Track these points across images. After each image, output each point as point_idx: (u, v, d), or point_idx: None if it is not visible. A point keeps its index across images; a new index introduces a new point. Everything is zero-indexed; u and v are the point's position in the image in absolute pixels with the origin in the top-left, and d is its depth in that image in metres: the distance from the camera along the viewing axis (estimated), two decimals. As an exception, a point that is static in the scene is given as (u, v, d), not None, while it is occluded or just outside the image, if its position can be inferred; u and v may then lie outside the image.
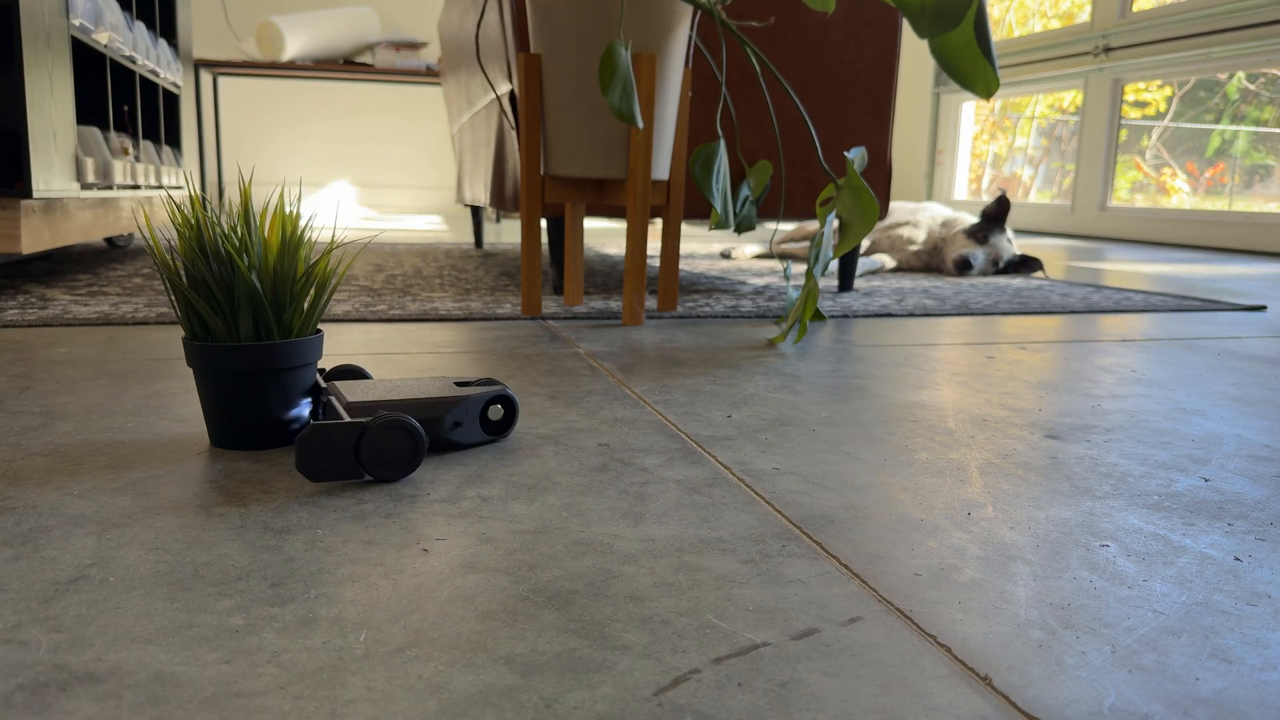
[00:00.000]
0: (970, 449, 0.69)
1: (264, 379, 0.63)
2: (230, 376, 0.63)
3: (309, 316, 0.66)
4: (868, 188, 1.07)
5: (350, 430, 0.57)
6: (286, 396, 0.65)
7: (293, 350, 0.64)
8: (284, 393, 0.64)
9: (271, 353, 0.63)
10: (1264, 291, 1.85)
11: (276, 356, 0.63)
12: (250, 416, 0.64)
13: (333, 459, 0.57)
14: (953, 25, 0.93)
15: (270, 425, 0.64)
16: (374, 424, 0.57)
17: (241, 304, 0.63)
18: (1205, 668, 0.38)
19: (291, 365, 0.64)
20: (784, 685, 0.36)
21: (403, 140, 4.80)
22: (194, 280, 0.63)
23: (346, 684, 0.35)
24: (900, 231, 2.16)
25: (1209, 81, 3.31)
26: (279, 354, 0.63)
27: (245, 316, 0.63)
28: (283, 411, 0.65)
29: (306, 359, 0.65)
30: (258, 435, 0.64)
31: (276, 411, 0.64)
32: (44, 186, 1.35)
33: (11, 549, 0.47)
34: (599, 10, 1.15)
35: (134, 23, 1.90)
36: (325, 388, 0.67)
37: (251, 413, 0.63)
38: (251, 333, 0.63)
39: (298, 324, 0.65)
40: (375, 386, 0.67)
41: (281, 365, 0.63)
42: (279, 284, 0.64)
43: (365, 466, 0.57)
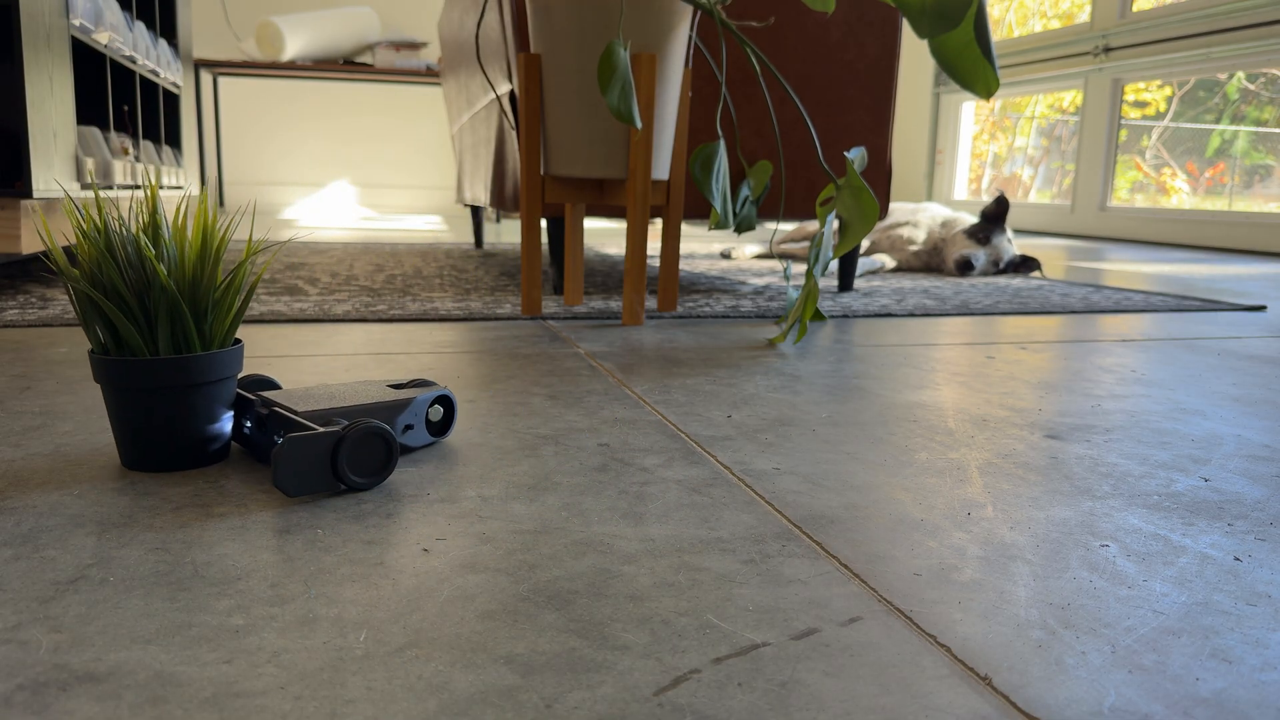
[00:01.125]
0: (970, 449, 0.69)
1: (188, 394, 0.59)
2: (149, 393, 0.58)
3: (232, 326, 0.62)
4: (868, 188, 1.07)
5: (327, 440, 0.55)
6: (210, 412, 0.60)
7: (217, 362, 0.60)
8: (208, 408, 0.60)
9: (195, 365, 0.59)
10: (1264, 291, 1.85)
11: (201, 369, 0.59)
12: (172, 435, 0.59)
13: (312, 470, 0.55)
14: (953, 25, 0.93)
15: (194, 443, 0.60)
16: (352, 432, 0.55)
17: (160, 314, 0.58)
18: (1205, 668, 0.38)
19: (216, 378, 0.60)
20: (784, 685, 0.36)
21: (403, 140, 4.80)
22: (104, 289, 0.58)
23: (346, 684, 0.35)
24: (900, 231, 2.16)
25: (1209, 81, 3.31)
26: (203, 366, 0.59)
27: (164, 327, 0.58)
28: (206, 428, 0.60)
29: (230, 371, 0.61)
30: (180, 455, 0.60)
31: (200, 428, 0.60)
32: (44, 186, 1.35)
33: (11, 549, 0.47)
34: (599, 10, 1.15)
35: (134, 23, 1.90)
36: (256, 400, 0.63)
37: (173, 431, 0.59)
38: (170, 345, 0.59)
39: (219, 334, 0.61)
40: (316, 394, 0.64)
41: (206, 378, 0.59)
42: (198, 291, 0.60)
43: (342, 476, 0.55)
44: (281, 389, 0.66)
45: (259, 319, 1.20)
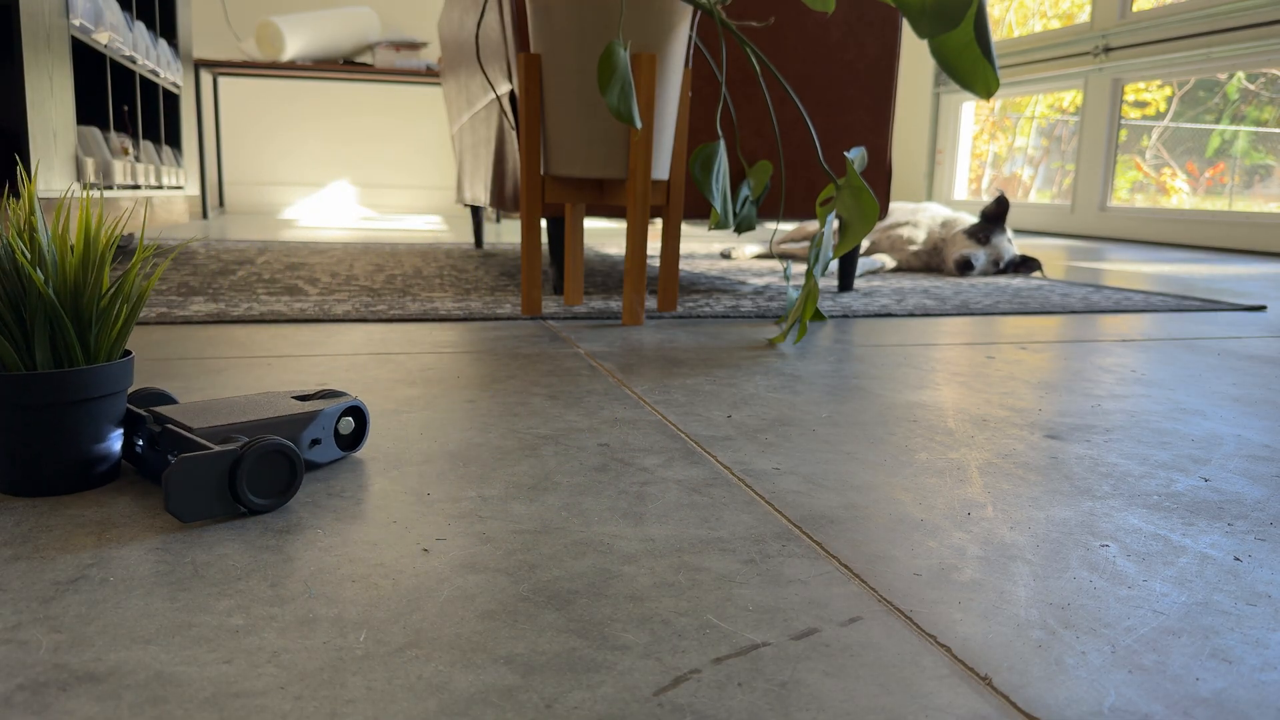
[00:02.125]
0: (970, 449, 0.69)
1: (70, 411, 0.54)
2: (26, 410, 0.53)
3: (120, 336, 0.58)
4: (868, 188, 1.07)
5: (223, 460, 0.51)
6: (97, 430, 0.56)
7: (103, 376, 0.55)
8: (94, 426, 0.56)
9: (77, 380, 0.54)
10: (1264, 291, 1.85)
11: (84, 384, 0.54)
12: (53, 456, 0.54)
13: (208, 493, 0.51)
14: (953, 25, 0.93)
15: (77, 465, 0.55)
16: (250, 451, 0.52)
17: (37, 325, 0.54)
18: (1205, 668, 0.38)
19: (102, 394, 0.55)
20: (784, 685, 0.36)
21: (403, 140, 4.80)
22: None
23: (346, 684, 0.35)
24: (900, 231, 2.16)
25: (1209, 81, 3.31)
26: (87, 381, 0.54)
27: (42, 340, 0.54)
28: (92, 447, 0.56)
29: (118, 385, 0.57)
30: (61, 477, 0.55)
31: (86, 448, 0.55)
32: (44, 186, 1.35)
33: (11, 549, 0.47)
34: (599, 10, 1.15)
35: (134, 23, 1.90)
36: (148, 416, 0.59)
37: (55, 452, 0.54)
38: (50, 358, 0.55)
39: (105, 346, 0.57)
40: (214, 409, 0.60)
41: (90, 394, 0.55)
42: (81, 300, 0.55)
43: (241, 498, 0.52)
44: (178, 404, 0.62)
45: (259, 319, 1.20)
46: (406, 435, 0.69)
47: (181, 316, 1.20)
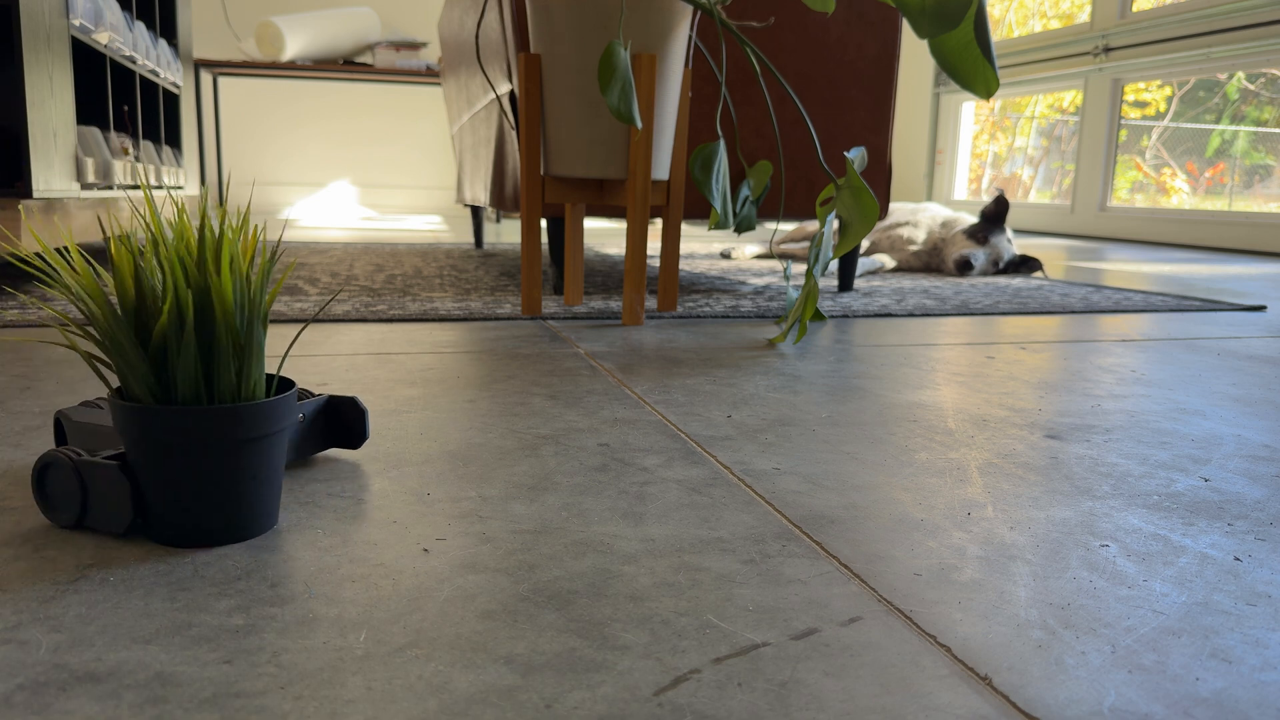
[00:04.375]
0: (970, 449, 0.69)
1: (278, 440, 0.50)
2: (247, 444, 0.48)
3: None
4: (867, 188, 1.07)
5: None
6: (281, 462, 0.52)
7: (290, 406, 0.50)
8: (281, 458, 0.51)
9: (286, 408, 0.50)
10: (1264, 291, 1.85)
11: (286, 413, 0.50)
12: (271, 488, 0.50)
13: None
14: (953, 25, 0.93)
15: (276, 499, 0.51)
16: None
17: (220, 355, 0.48)
18: (1205, 668, 0.38)
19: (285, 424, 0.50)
20: (784, 685, 0.36)
21: (403, 140, 4.80)
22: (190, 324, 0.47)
23: (346, 684, 0.35)
24: (900, 231, 2.16)
25: (1209, 81, 3.31)
26: (288, 409, 0.50)
27: (226, 369, 0.48)
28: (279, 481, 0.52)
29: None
30: (271, 514, 0.51)
31: (279, 482, 0.52)
32: (44, 186, 1.35)
33: (12, 549, 0.47)
34: (599, 10, 1.15)
35: (134, 23, 1.90)
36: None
37: (273, 483, 0.50)
38: (233, 388, 0.49)
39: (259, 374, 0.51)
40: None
41: (283, 425, 0.50)
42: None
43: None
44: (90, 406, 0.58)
45: (259, 319, 1.20)
46: (406, 435, 0.69)
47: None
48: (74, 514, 0.49)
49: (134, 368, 0.47)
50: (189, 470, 0.47)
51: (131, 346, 0.46)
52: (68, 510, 0.49)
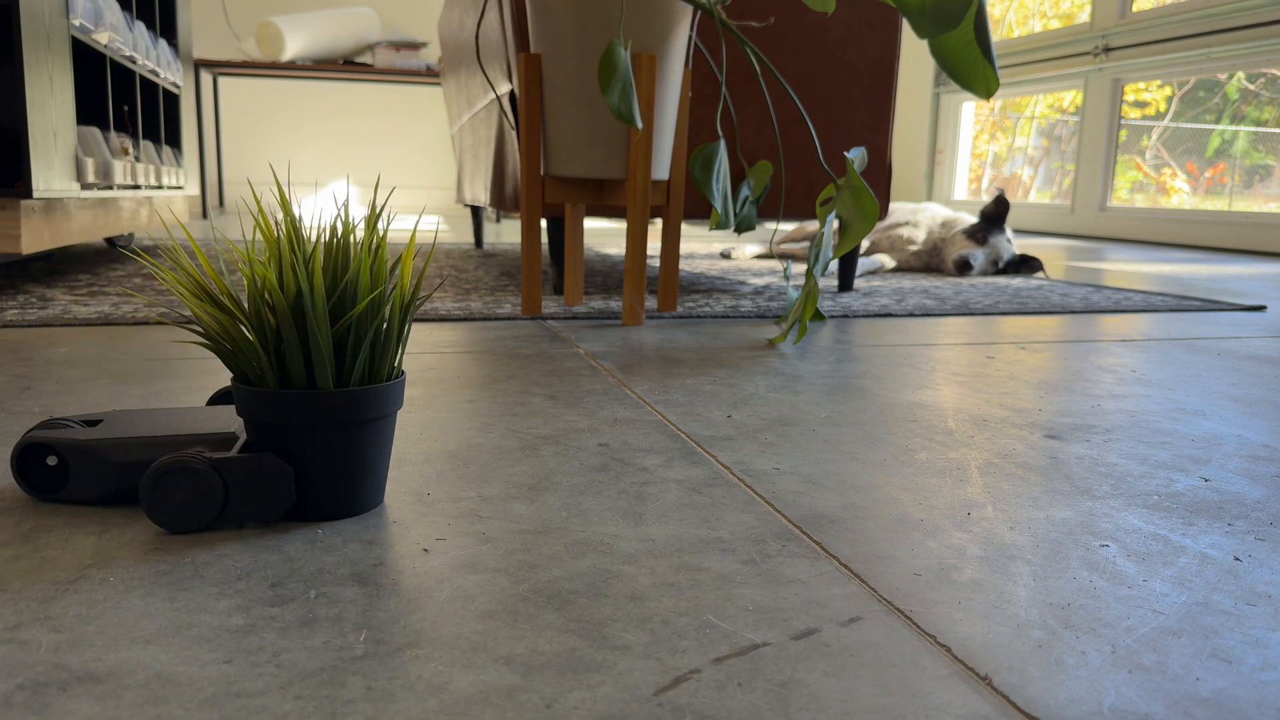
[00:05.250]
0: (970, 449, 0.69)
1: (388, 424, 0.54)
2: (362, 426, 0.52)
3: None
4: (868, 188, 1.07)
5: None
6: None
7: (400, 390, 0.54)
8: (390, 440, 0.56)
9: (398, 392, 0.54)
10: (1264, 291, 1.85)
11: (396, 397, 0.54)
12: (380, 469, 0.54)
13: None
14: (953, 25, 0.93)
15: (383, 480, 0.55)
16: None
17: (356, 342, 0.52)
18: (1205, 668, 0.38)
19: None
20: (784, 685, 0.36)
21: (403, 140, 4.80)
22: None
23: (346, 684, 0.35)
24: (900, 232, 2.16)
25: (1209, 81, 3.31)
26: (398, 394, 0.54)
27: (392, 354, 0.53)
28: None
29: None
30: (378, 491, 0.55)
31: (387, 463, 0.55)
32: (44, 186, 1.35)
33: (12, 548, 0.47)
34: (599, 10, 1.15)
35: (134, 23, 1.90)
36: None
37: (381, 464, 0.54)
38: (364, 375, 0.53)
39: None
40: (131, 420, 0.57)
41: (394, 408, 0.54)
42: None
43: None
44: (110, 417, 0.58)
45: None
46: (406, 435, 0.69)
47: (182, 316, 1.20)
48: (213, 513, 0.50)
49: (293, 359, 0.50)
50: (345, 448, 0.51)
51: (292, 337, 0.49)
52: (205, 511, 0.50)
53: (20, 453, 0.53)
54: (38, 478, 0.54)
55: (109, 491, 0.53)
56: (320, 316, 0.49)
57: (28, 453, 0.54)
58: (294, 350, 0.50)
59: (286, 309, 0.49)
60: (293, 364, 0.50)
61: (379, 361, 0.52)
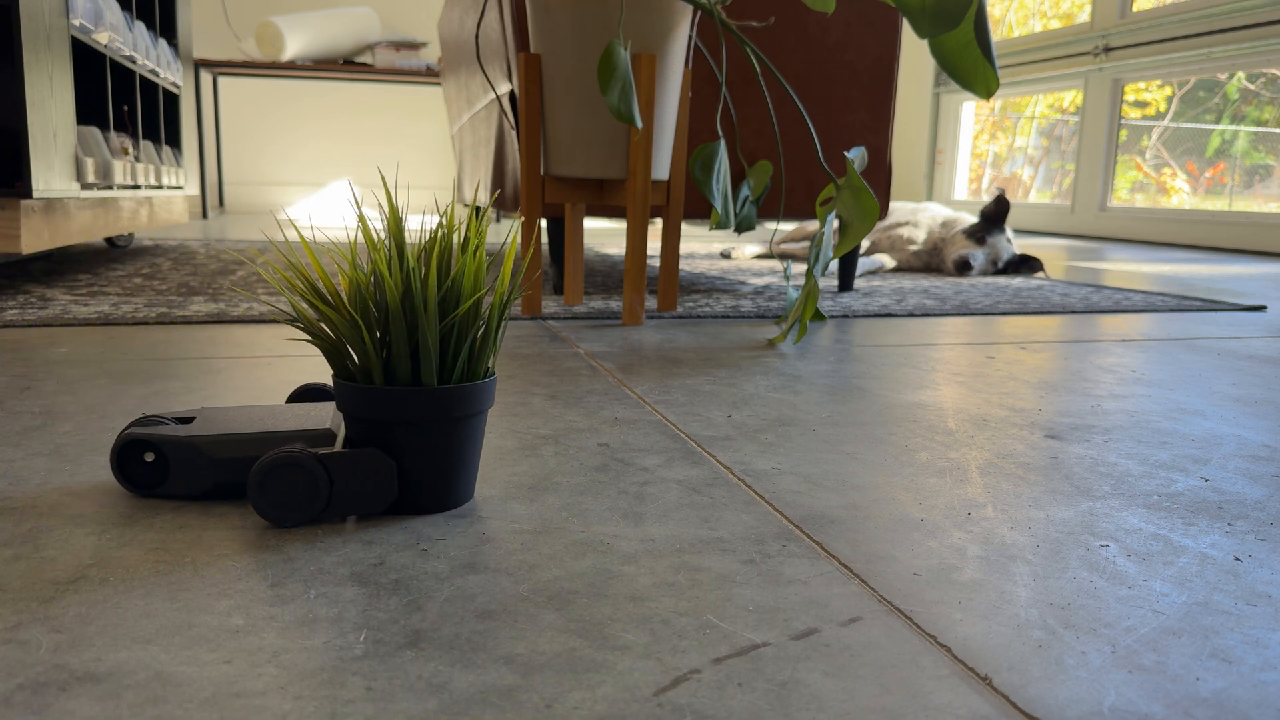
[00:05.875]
0: (970, 449, 0.69)
1: (480, 421, 0.55)
2: (459, 422, 0.53)
3: None
4: (868, 188, 1.07)
5: None
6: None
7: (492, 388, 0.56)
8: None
9: (489, 390, 0.55)
10: (1264, 291, 1.85)
11: (489, 395, 0.55)
12: (473, 465, 0.56)
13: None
14: (953, 25, 0.93)
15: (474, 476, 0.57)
16: None
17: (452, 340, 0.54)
18: (1205, 668, 0.38)
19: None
20: (784, 685, 0.36)
21: (403, 140, 4.80)
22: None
23: (346, 684, 0.35)
24: (900, 231, 2.16)
25: (1209, 81, 3.31)
26: (490, 391, 0.55)
27: (488, 353, 0.55)
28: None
29: None
30: (470, 488, 0.56)
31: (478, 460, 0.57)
32: (44, 186, 1.35)
33: (11, 549, 0.47)
34: (599, 10, 1.15)
35: (134, 23, 1.90)
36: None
37: (475, 460, 0.56)
38: (466, 371, 0.54)
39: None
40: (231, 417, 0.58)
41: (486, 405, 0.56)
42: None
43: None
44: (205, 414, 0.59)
45: (258, 319, 1.20)
46: (406, 435, 0.69)
47: (181, 316, 1.20)
48: (319, 508, 0.51)
49: (400, 356, 0.51)
50: (446, 444, 0.52)
51: (400, 335, 0.51)
52: (311, 505, 0.51)
53: (120, 449, 0.54)
54: (136, 474, 0.55)
55: (210, 487, 0.55)
56: (432, 316, 0.51)
57: (127, 449, 0.55)
58: (402, 348, 0.51)
59: (399, 308, 0.51)
60: (399, 361, 0.51)
61: (477, 359, 0.54)
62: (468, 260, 0.52)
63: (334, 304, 0.52)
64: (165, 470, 0.55)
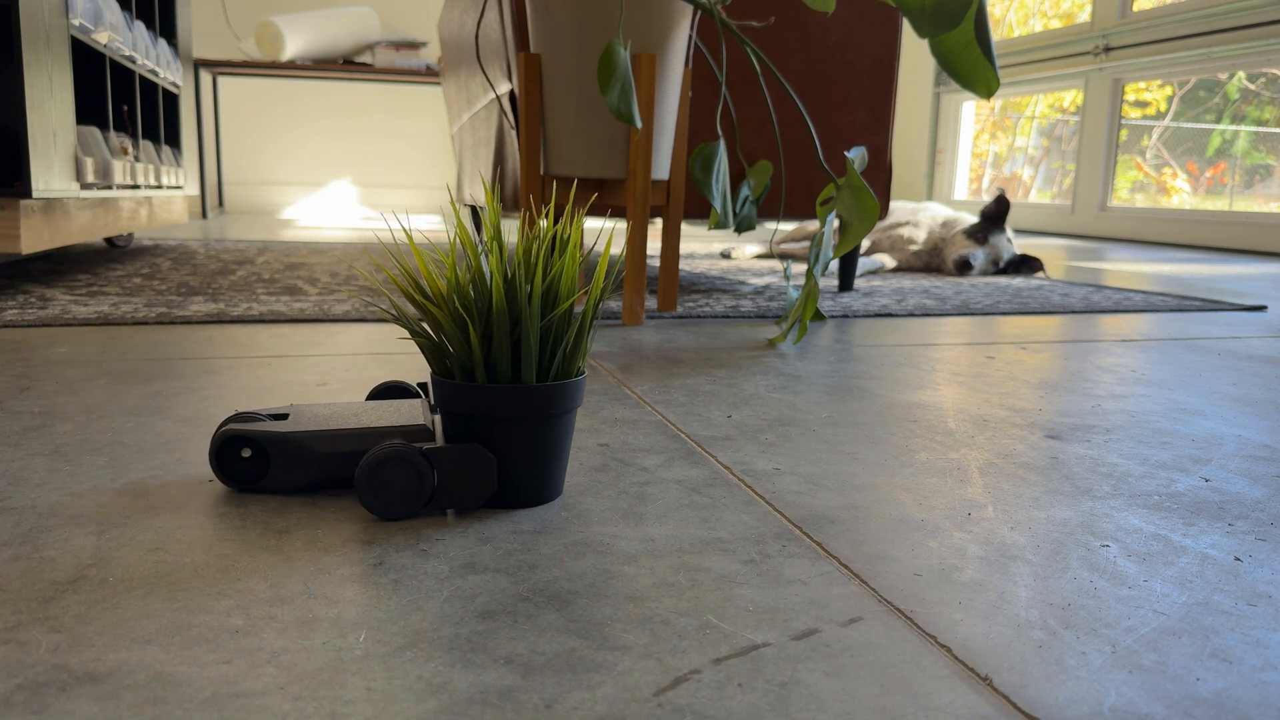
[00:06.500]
0: (970, 449, 0.69)
1: (570, 418, 0.56)
2: (555, 418, 0.55)
3: None
4: (868, 187, 1.07)
5: None
6: None
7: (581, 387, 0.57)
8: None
9: (579, 388, 0.56)
10: (1264, 291, 1.85)
11: (578, 393, 0.56)
12: (563, 461, 0.57)
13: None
14: (953, 25, 0.93)
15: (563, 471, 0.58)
16: None
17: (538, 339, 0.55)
18: (1206, 668, 0.38)
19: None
20: (784, 685, 0.36)
21: (403, 140, 4.80)
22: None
23: (346, 684, 0.35)
24: (900, 231, 2.16)
25: (1209, 81, 3.31)
26: (579, 390, 0.56)
27: (578, 354, 0.57)
28: None
29: None
30: (560, 483, 0.57)
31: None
32: (44, 186, 1.35)
33: (11, 549, 0.47)
34: (599, 10, 1.15)
35: (134, 22, 1.90)
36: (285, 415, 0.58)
37: (564, 456, 0.57)
38: (561, 369, 0.56)
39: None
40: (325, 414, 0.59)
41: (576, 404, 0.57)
42: None
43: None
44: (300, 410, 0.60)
45: (258, 319, 1.20)
46: (406, 435, 0.69)
47: (181, 316, 1.20)
48: (424, 501, 0.52)
49: (501, 354, 0.53)
50: (542, 439, 0.54)
51: (504, 333, 0.52)
52: (417, 499, 0.52)
53: (219, 445, 0.55)
54: (234, 469, 0.56)
55: (311, 481, 0.55)
56: (535, 316, 0.53)
57: (226, 445, 0.55)
58: (504, 346, 0.53)
59: (505, 308, 0.52)
60: (500, 359, 0.53)
61: (570, 358, 0.55)
62: (567, 262, 0.54)
63: (455, 306, 0.53)
64: (264, 466, 0.56)
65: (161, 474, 0.59)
